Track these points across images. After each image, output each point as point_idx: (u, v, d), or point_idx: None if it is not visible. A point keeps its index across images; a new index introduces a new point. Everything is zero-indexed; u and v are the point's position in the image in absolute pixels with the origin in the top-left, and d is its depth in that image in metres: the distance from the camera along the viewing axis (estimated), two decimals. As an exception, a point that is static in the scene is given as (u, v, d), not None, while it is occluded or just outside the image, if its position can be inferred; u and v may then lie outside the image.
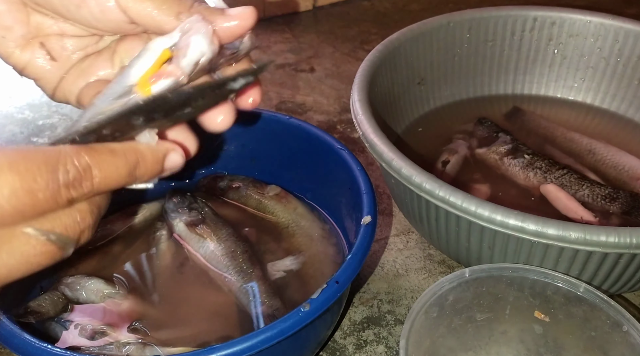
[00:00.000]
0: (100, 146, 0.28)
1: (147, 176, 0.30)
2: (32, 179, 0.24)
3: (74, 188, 0.26)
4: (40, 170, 0.25)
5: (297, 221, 0.58)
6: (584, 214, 0.58)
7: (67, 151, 0.26)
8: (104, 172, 0.27)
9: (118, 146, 0.29)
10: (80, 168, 0.26)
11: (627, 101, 0.72)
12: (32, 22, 0.36)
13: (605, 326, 0.44)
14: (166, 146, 0.31)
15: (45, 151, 0.26)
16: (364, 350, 0.53)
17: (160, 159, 0.30)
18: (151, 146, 0.30)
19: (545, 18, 0.72)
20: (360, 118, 0.55)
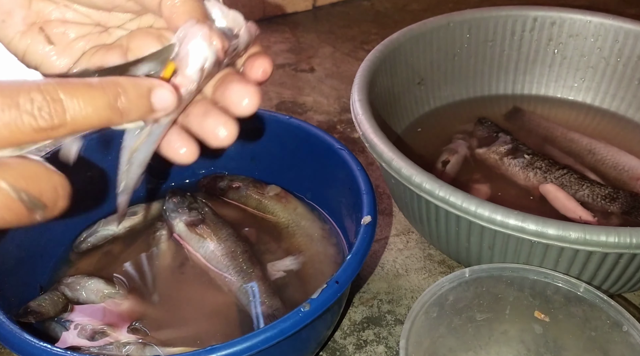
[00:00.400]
0: (75, 79, 0.27)
1: (134, 112, 0.28)
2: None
3: (42, 118, 0.25)
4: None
5: (297, 221, 0.58)
6: (583, 214, 0.58)
7: (34, 81, 0.25)
8: (79, 104, 0.26)
9: (95, 79, 0.27)
10: (48, 97, 0.25)
11: (627, 101, 0.72)
12: (34, 7, 0.36)
13: (605, 326, 0.44)
14: (151, 81, 0.29)
15: (10, 81, 0.25)
16: (364, 350, 0.53)
17: (144, 93, 0.29)
18: (133, 79, 0.29)
19: (545, 18, 0.72)
20: (360, 118, 0.55)
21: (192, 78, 0.31)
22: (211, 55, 0.31)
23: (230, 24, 0.33)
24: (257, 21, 1.04)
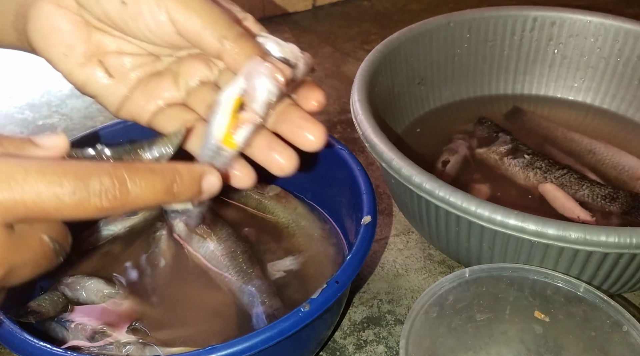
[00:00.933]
0: (140, 164, 0.30)
1: (185, 194, 0.31)
2: (58, 183, 0.26)
3: (107, 199, 0.28)
4: (67, 176, 0.27)
5: (297, 221, 0.58)
6: (581, 213, 0.58)
7: (106, 165, 0.28)
8: (140, 188, 0.29)
9: (157, 165, 0.30)
10: (115, 181, 0.28)
11: (627, 101, 0.72)
12: (93, 40, 0.38)
13: (605, 326, 0.44)
14: (203, 168, 0.33)
15: (82, 163, 0.28)
16: (364, 350, 0.52)
17: (197, 178, 0.32)
18: (189, 166, 0.32)
19: (545, 18, 0.72)
20: (360, 118, 0.55)
21: (260, 113, 0.34)
22: (275, 90, 0.34)
23: (287, 56, 0.36)
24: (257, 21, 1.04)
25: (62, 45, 0.37)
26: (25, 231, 0.28)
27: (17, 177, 0.26)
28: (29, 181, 0.26)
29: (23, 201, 0.26)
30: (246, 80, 0.34)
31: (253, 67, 0.34)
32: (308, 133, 0.36)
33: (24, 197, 0.26)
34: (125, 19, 0.35)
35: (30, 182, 0.26)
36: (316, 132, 0.37)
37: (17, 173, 0.26)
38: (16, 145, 0.29)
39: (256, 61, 0.34)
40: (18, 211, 0.26)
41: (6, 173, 0.26)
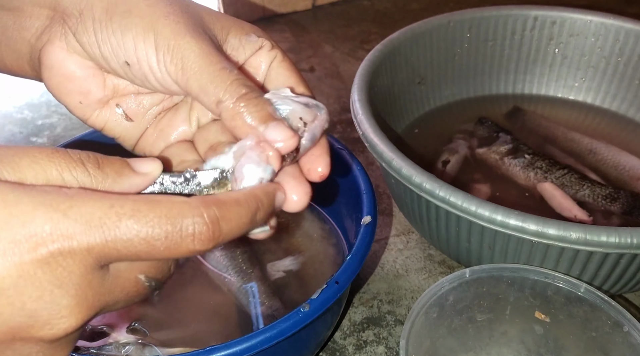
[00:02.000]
0: (226, 197, 0.29)
1: (264, 220, 0.31)
2: (151, 227, 0.26)
3: (200, 241, 0.27)
4: (160, 220, 0.26)
5: (296, 221, 0.57)
6: (579, 213, 0.58)
7: (197, 204, 0.27)
8: (231, 225, 0.28)
9: (241, 195, 0.29)
10: (209, 222, 0.27)
11: (627, 100, 0.72)
12: (109, 85, 0.37)
13: (606, 327, 0.44)
14: (274, 186, 0.31)
15: (173, 202, 0.27)
16: (363, 350, 0.52)
17: (273, 199, 0.31)
18: (264, 188, 0.30)
19: (546, 17, 0.72)
20: (360, 118, 0.55)
21: None
22: (267, 176, 0.31)
23: (296, 122, 0.32)
24: (257, 21, 1.04)
25: (77, 93, 0.36)
26: (121, 271, 0.28)
27: (109, 222, 0.26)
28: (121, 226, 0.26)
29: (115, 246, 0.26)
30: (236, 161, 0.31)
31: (246, 150, 0.31)
32: (290, 191, 0.33)
33: (117, 242, 0.26)
34: (131, 77, 0.35)
35: (122, 227, 0.26)
36: (300, 192, 0.33)
37: (110, 218, 0.26)
38: (115, 169, 0.29)
39: (250, 143, 0.31)
40: (110, 255, 0.26)
41: (99, 217, 0.25)
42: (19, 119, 0.83)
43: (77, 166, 0.28)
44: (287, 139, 0.31)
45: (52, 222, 0.25)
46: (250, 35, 0.37)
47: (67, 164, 0.27)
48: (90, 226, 0.25)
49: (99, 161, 0.28)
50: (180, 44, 0.33)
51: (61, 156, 0.27)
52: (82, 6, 0.34)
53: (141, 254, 0.27)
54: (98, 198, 0.26)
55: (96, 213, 0.26)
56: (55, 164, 0.27)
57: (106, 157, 0.29)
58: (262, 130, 0.31)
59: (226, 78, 0.33)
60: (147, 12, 0.34)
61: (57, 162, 0.27)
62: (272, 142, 0.31)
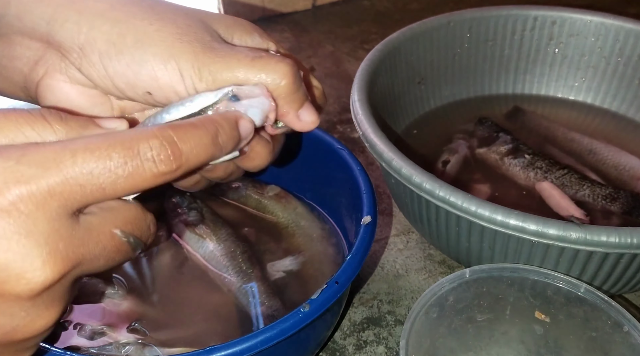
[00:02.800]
0: (181, 122, 0.29)
1: (230, 143, 0.31)
2: (107, 156, 0.26)
3: (162, 162, 0.27)
4: (115, 147, 0.26)
5: (296, 221, 0.57)
6: (575, 212, 0.58)
7: (150, 128, 0.27)
8: (190, 145, 0.28)
9: (195, 119, 0.30)
10: (165, 142, 0.27)
11: (627, 101, 0.72)
12: (116, 107, 0.36)
13: (606, 327, 0.44)
14: (234, 113, 0.32)
15: (126, 131, 0.27)
16: (363, 350, 0.52)
17: (234, 124, 0.31)
18: (222, 114, 0.31)
19: (546, 17, 0.72)
20: (360, 118, 0.55)
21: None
22: (272, 114, 0.34)
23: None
24: (257, 20, 1.04)
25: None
26: (92, 224, 0.27)
27: (64, 160, 0.25)
28: (77, 161, 0.25)
29: (77, 183, 0.25)
30: (242, 97, 0.33)
31: (250, 89, 0.33)
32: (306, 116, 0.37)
33: (77, 178, 0.25)
34: (152, 102, 0.35)
35: (79, 161, 0.25)
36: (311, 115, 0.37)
37: (64, 156, 0.25)
38: (80, 123, 0.29)
39: (260, 89, 0.33)
40: (75, 194, 0.26)
41: (54, 158, 0.25)
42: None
43: (37, 121, 0.27)
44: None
45: (6, 171, 0.24)
46: (254, 36, 0.37)
47: (26, 120, 0.27)
48: (45, 168, 0.25)
49: (61, 116, 0.28)
50: (204, 62, 0.33)
51: (19, 113, 0.27)
52: (82, 41, 0.33)
53: (106, 187, 0.26)
54: (50, 143, 0.26)
55: (49, 155, 0.25)
56: (13, 122, 0.27)
57: (70, 114, 0.29)
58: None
59: (260, 56, 0.34)
60: (158, 38, 0.33)
61: (15, 120, 0.27)
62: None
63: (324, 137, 0.55)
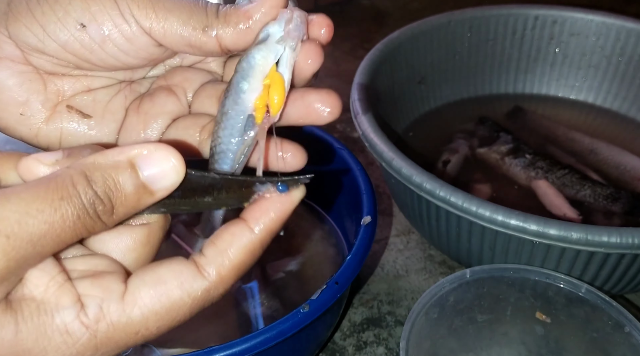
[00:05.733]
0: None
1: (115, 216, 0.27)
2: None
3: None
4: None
5: (296, 221, 0.57)
6: (569, 212, 0.58)
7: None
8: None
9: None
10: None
11: (629, 100, 0.72)
12: (51, 89, 0.32)
13: (607, 327, 0.44)
14: (130, 150, 0.27)
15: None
16: (363, 351, 0.52)
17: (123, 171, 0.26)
18: (102, 154, 0.27)
19: (547, 17, 0.72)
20: (360, 118, 0.55)
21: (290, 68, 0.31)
22: (302, 26, 0.31)
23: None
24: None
25: (15, 104, 0.31)
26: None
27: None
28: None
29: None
30: (286, 30, 0.30)
31: (289, 16, 0.29)
32: (322, 105, 0.32)
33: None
34: (89, 45, 0.30)
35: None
36: (330, 101, 0.33)
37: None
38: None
39: (297, 12, 0.30)
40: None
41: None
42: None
43: None
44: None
45: None
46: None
47: None
48: None
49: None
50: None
51: None
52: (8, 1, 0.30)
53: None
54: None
55: None
56: None
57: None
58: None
59: (202, 5, 0.30)
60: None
61: None
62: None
63: (323, 136, 0.55)
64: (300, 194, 0.30)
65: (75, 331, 0.25)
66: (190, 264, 0.28)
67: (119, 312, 0.26)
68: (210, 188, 0.28)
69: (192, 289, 0.27)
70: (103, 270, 0.27)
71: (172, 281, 0.27)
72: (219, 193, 0.29)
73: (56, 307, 0.25)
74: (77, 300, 0.25)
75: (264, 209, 0.29)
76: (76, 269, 0.27)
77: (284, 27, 0.30)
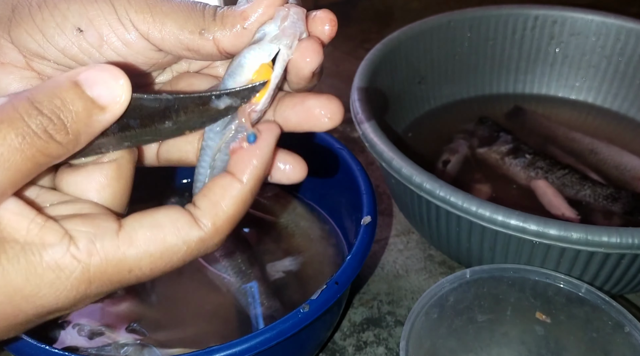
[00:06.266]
0: None
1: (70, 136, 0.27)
2: None
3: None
4: None
5: (296, 221, 0.57)
6: (567, 211, 0.58)
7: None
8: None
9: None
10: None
11: (628, 100, 0.72)
12: None
13: (607, 328, 0.44)
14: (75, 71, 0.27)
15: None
16: (363, 351, 0.52)
17: (70, 92, 0.27)
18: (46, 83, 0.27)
19: (547, 17, 0.72)
20: (360, 118, 0.55)
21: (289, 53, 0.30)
22: (301, 24, 0.30)
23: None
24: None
25: None
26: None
27: None
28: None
29: None
30: (282, 30, 0.29)
31: (287, 12, 0.29)
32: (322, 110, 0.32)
33: None
34: (87, 50, 0.30)
35: None
36: (332, 107, 0.32)
37: None
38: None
39: (294, 10, 0.30)
40: None
41: None
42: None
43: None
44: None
45: None
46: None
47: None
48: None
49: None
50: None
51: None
52: (15, 3, 0.30)
53: None
54: None
55: None
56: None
57: None
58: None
59: (199, 7, 0.30)
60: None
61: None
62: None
63: (323, 137, 0.55)
64: (273, 135, 0.30)
65: (67, 265, 0.25)
66: (187, 214, 0.28)
67: (114, 248, 0.26)
68: (167, 111, 0.28)
69: (188, 237, 0.28)
70: (90, 212, 0.28)
71: (168, 227, 0.28)
72: (177, 115, 0.28)
73: (43, 246, 0.25)
74: (64, 236, 0.26)
75: (246, 160, 0.29)
76: (61, 214, 0.27)
77: (279, 25, 0.29)
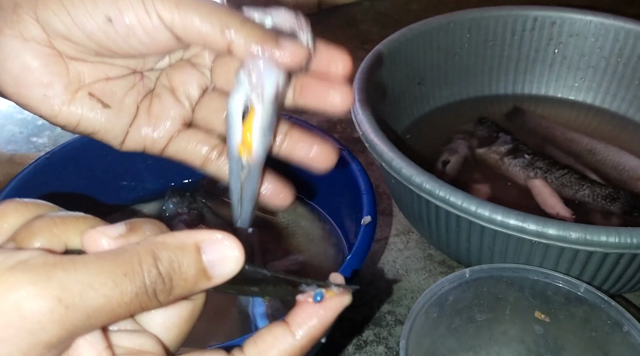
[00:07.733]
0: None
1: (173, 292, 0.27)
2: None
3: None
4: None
5: (296, 221, 0.57)
6: (562, 211, 0.58)
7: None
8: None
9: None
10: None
11: (627, 101, 0.72)
12: (72, 73, 0.33)
13: (606, 327, 0.44)
14: (199, 234, 0.27)
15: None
16: (363, 350, 0.52)
17: (190, 255, 0.27)
18: (170, 235, 0.27)
19: (546, 18, 0.72)
20: (360, 118, 0.55)
21: (270, 109, 0.31)
22: (282, 80, 0.31)
23: (287, 27, 0.34)
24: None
25: (39, 85, 0.32)
26: None
27: None
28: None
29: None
30: (249, 80, 0.31)
31: (252, 64, 0.31)
32: (335, 93, 0.35)
33: None
34: (114, 38, 0.31)
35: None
36: (343, 92, 0.35)
37: None
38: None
39: (254, 56, 0.31)
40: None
41: None
42: (19, 120, 0.83)
43: None
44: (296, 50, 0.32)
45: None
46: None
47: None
48: None
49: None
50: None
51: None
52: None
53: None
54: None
55: None
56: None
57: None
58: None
59: (225, 8, 0.32)
60: None
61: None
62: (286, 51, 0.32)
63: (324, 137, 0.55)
64: (344, 302, 0.29)
65: None
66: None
67: None
68: (260, 281, 0.29)
69: None
70: (147, 351, 0.27)
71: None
72: (267, 285, 0.29)
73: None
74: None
75: (307, 315, 0.29)
76: (121, 345, 0.27)
77: (248, 76, 0.31)
